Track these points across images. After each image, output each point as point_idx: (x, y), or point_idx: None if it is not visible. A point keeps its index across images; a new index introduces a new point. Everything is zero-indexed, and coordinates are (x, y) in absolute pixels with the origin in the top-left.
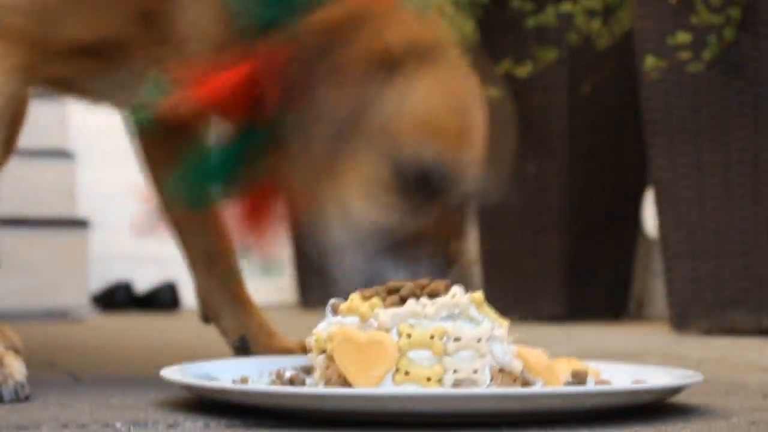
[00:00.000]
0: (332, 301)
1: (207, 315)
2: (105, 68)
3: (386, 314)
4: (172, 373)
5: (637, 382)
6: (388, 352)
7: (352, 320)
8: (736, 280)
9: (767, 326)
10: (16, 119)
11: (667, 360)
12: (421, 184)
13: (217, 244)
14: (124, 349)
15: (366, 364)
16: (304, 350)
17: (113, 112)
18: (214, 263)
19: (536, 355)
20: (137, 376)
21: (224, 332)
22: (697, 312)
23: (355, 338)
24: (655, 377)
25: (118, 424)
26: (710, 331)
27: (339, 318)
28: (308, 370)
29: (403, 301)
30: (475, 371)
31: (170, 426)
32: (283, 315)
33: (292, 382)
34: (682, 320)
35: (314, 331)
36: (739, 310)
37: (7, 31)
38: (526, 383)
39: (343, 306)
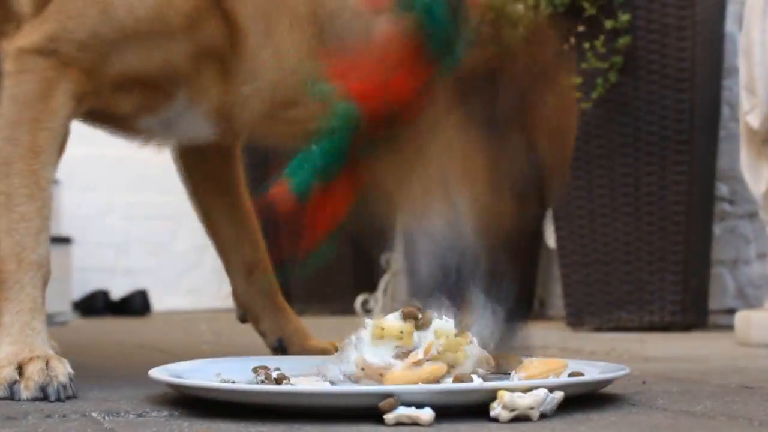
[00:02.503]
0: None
1: (244, 316)
2: (154, 104)
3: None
4: (159, 372)
5: (573, 374)
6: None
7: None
8: (621, 284)
9: (648, 323)
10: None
11: (564, 352)
12: (534, 185)
13: (254, 254)
14: (102, 349)
15: None
16: (336, 350)
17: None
18: (252, 273)
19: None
20: (113, 373)
21: (263, 334)
22: (589, 311)
23: (417, 378)
24: (587, 371)
25: (95, 414)
26: (600, 327)
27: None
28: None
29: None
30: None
31: (139, 415)
32: None
33: (278, 381)
34: (576, 319)
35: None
36: (625, 309)
37: (65, 59)
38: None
39: (377, 330)
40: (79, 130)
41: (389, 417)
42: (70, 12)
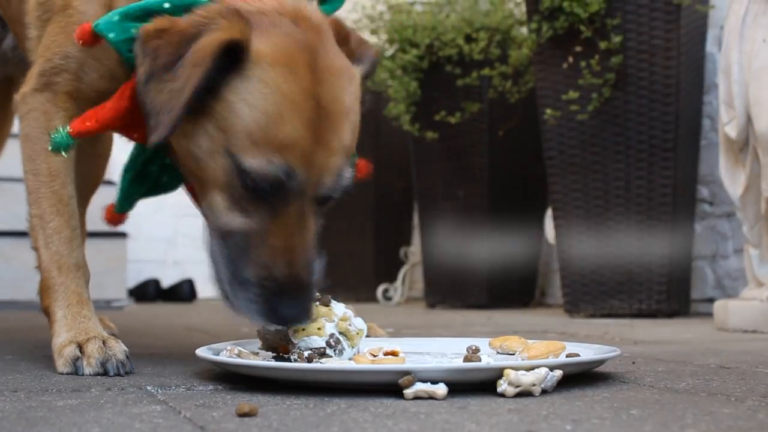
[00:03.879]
0: None
1: None
2: None
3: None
4: (203, 352)
5: (570, 355)
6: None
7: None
8: (613, 276)
9: (636, 310)
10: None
11: (563, 336)
12: (268, 189)
13: None
14: (153, 331)
15: None
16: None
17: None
18: None
19: (540, 344)
20: (164, 351)
21: None
22: (585, 300)
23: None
24: (583, 352)
25: (149, 387)
26: (594, 314)
27: None
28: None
29: None
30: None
31: (188, 389)
32: None
33: (309, 360)
34: (573, 306)
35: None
36: (616, 298)
37: (53, 87)
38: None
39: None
40: None
41: (408, 392)
42: (48, 45)
